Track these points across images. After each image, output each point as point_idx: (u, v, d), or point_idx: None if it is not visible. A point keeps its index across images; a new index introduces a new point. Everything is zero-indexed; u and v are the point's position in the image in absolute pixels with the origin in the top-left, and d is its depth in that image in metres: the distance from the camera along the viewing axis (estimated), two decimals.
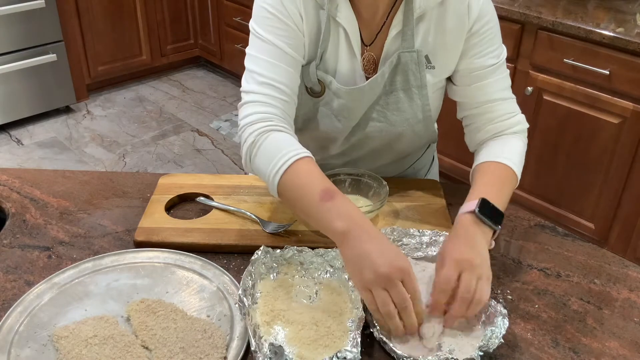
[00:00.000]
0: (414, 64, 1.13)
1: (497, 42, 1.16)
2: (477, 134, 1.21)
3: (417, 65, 1.13)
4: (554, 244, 1.14)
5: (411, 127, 1.20)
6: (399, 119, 1.19)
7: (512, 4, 2.40)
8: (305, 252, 1.02)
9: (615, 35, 2.10)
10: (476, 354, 0.85)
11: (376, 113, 1.19)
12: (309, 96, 1.17)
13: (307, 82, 1.15)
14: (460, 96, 1.21)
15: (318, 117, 1.19)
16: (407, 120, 1.19)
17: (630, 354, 0.91)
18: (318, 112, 1.19)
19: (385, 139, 1.22)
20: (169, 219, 1.16)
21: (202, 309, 0.96)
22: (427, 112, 1.18)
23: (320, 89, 1.15)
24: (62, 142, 3.43)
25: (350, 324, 0.90)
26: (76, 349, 0.87)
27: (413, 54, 1.12)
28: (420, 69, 1.14)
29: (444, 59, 1.15)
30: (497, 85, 1.17)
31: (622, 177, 2.26)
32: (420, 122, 1.20)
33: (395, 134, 1.21)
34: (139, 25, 3.89)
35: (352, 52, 1.13)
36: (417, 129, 1.21)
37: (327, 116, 1.18)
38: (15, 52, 3.34)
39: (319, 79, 1.14)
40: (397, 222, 1.16)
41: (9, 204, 1.22)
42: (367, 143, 1.24)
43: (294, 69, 1.10)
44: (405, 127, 1.19)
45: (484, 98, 1.17)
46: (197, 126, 3.64)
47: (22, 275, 1.04)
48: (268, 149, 1.02)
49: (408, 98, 1.17)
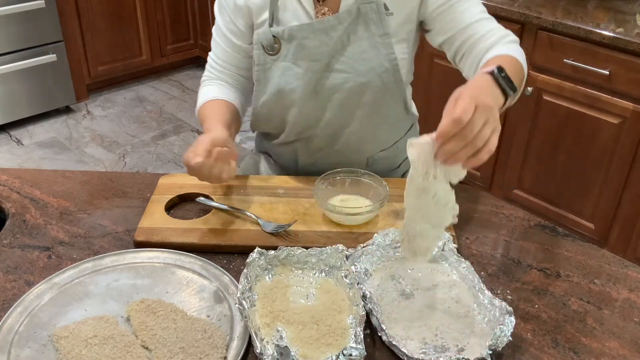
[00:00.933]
0: (374, 13, 1.19)
1: None
2: (469, 56, 1.20)
3: (377, 14, 1.19)
4: (554, 244, 1.14)
5: (378, 76, 1.23)
6: (365, 68, 1.23)
7: (512, 4, 2.40)
8: (300, 252, 1.02)
9: (615, 36, 2.10)
10: (486, 353, 0.85)
11: (340, 64, 1.23)
12: (268, 56, 1.24)
13: (263, 41, 1.23)
14: (442, 34, 1.23)
15: (278, 73, 1.25)
16: (373, 69, 1.23)
17: (630, 354, 0.91)
18: (278, 67, 1.25)
19: (354, 90, 1.25)
20: (169, 219, 1.16)
21: (202, 309, 0.96)
22: (393, 61, 1.23)
23: (277, 47, 1.23)
24: (62, 142, 3.43)
25: (350, 321, 0.90)
26: (76, 349, 0.87)
27: (372, 4, 1.19)
28: (380, 18, 1.20)
29: (402, 4, 1.21)
30: (473, 10, 1.20)
31: (622, 177, 2.26)
32: (388, 72, 1.23)
33: (362, 83, 1.24)
34: (139, 26, 3.90)
35: (305, 10, 1.22)
36: (385, 78, 1.24)
37: (287, 68, 1.24)
38: (15, 52, 3.34)
39: (274, 35, 1.21)
40: (397, 222, 1.16)
41: (9, 204, 1.22)
42: (335, 98, 1.26)
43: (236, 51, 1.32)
44: (372, 76, 1.23)
45: (465, 23, 1.19)
46: (197, 126, 3.64)
47: (22, 275, 1.04)
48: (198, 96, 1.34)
49: (372, 47, 1.22)
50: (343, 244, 1.03)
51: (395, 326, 0.93)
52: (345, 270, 0.99)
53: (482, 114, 0.85)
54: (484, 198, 1.28)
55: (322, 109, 1.28)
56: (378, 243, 1.06)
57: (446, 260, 1.05)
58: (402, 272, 1.04)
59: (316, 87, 1.25)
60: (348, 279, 0.97)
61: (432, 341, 0.90)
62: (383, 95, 1.27)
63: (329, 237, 1.11)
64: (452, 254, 1.04)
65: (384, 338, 0.89)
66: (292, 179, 1.30)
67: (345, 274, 0.98)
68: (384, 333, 0.89)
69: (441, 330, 0.92)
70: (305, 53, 1.22)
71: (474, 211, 1.23)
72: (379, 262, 1.05)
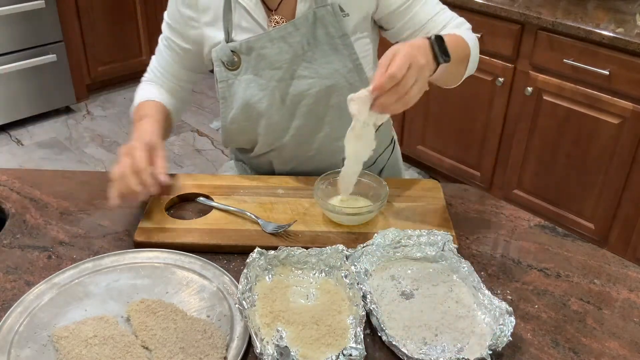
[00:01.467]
0: (331, 16, 1.20)
1: None
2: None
3: (334, 16, 1.20)
4: (554, 244, 1.14)
5: (343, 77, 1.24)
6: (329, 71, 1.23)
7: (511, 4, 2.40)
8: (300, 252, 1.02)
9: (615, 36, 2.10)
10: (486, 354, 0.85)
11: (303, 70, 1.24)
12: (229, 71, 1.25)
13: (222, 58, 1.23)
14: (403, 32, 1.27)
15: (242, 86, 1.25)
16: (337, 70, 1.23)
17: (630, 354, 0.91)
18: (241, 82, 1.25)
19: (321, 95, 1.25)
20: (169, 219, 1.16)
21: (202, 309, 0.96)
22: (356, 61, 1.23)
23: (237, 61, 1.24)
24: (62, 143, 3.43)
25: (350, 321, 0.90)
26: (76, 349, 0.87)
27: (327, 7, 1.20)
28: (337, 19, 1.20)
29: (357, 4, 1.22)
30: (429, 4, 1.25)
31: (621, 177, 2.26)
32: (352, 72, 1.24)
33: (328, 87, 1.24)
34: (139, 26, 3.90)
35: (257, 22, 1.23)
36: (351, 78, 1.24)
37: (250, 81, 1.24)
38: (15, 53, 3.34)
39: (232, 50, 1.22)
40: (397, 222, 1.16)
41: (9, 204, 1.22)
42: (303, 104, 1.26)
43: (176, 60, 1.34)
44: (337, 78, 1.24)
45: (425, 19, 1.25)
46: (197, 126, 3.64)
47: (22, 276, 1.04)
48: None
49: (333, 49, 1.22)
50: (343, 244, 1.03)
51: (395, 326, 0.93)
52: (345, 271, 0.99)
53: (414, 72, 0.97)
54: (484, 198, 1.28)
55: (291, 116, 1.27)
56: (378, 243, 1.06)
57: (446, 261, 1.05)
58: (402, 272, 1.04)
59: (282, 96, 1.25)
60: (348, 279, 0.97)
61: (432, 341, 0.90)
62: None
63: (329, 237, 1.11)
64: (452, 254, 1.04)
65: (384, 338, 0.89)
66: (292, 179, 1.30)
67: (345, 274, 0.98)
68: (384, 333, 0.89)
69: (441, 330, 0.92)
70: (266, 63, 1.22)
71: (474, 211, 1.23)
72: (379, 262, 1.05)
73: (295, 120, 1.28)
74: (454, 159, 2.85)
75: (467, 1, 2.47)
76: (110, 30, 3.77)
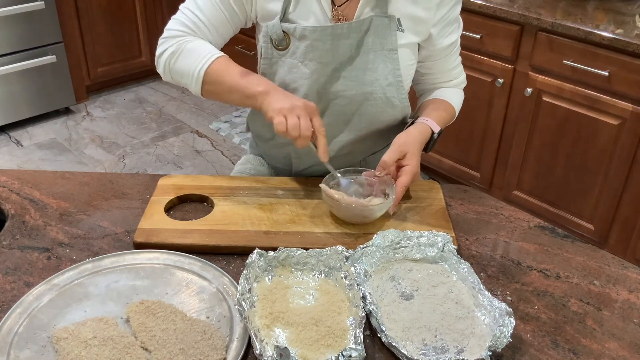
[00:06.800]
0: (386, 28, 1.21)
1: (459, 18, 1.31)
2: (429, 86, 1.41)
3: (389, 29, 1.21)
4: (554, 245, 1.14)
5: (382, 88, 1.25)
6: (370, 79, 1.24)
7: (511, 5, 2.40)
8: (299, 253, 1.02)
9: (614, 37, 2.10)
10: (486, 354, 0.85)
11: (346, 72, 1.25)
12: (275, 50, 1.25)
13: (272, 35, 1.23)
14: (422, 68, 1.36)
15: (285, 69, 1.25)
16: (377, 80, 1.24)
17: (629, 355, 0.91)
18: (285, 63, 1.25)
19: (355, 99, 1.26)
20: (169, 220, 1.16)
21: (202, 310, 0.96)
22: (397, 77, 1.25)
23: (286, 42, 1.23)
24: (61, 144, 3.43)
25: (350, 322, 0.90)
26: (75, 350, 0.87)
27: (386, 19, 1.21)
28: (392, 33, 1.21)
29: (415, 27, 1.24)
30: (456, 55, 1.36)
31: (621, 178, 2.26)
32: (392, 86, 1.25)
33: (364, 93, 1.25)
34: (139, 27, 3.89)
35: (323, 10, 1.22)
36: (388, 92, 1.25)
37: (293, 66, 1.24)
38: (14, 54, 3.34)
39: (284, 31, 1.21)
40: (396, 223, 1.16)
41: (9, 205, 1.22)
42: (335, 103, 1.27)
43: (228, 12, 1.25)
44: (375, 87, 1.25)
45: (445, 68, 1.36)
46: (197, 127, 3.64)
47: (22, 277, 1.04)
48: (191, 51, 1.21)
49: (379, 60, 1.24)
50: (343, 244, 1.03)
51: (395, 327, 0.93)
52: (344, 272, 0.99)
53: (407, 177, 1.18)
54: (484, 199, 1.28)
55: (321, 113, 1.27)
56: (378, 244, 1.06)
57: (446, 262, 1.05)
58: (402, 273, 1.04)
59: (320, 91, 1.25)
60: (348, 280, 0.97)
61: (431, 342, 0.90)
62: (383, 108, 1.28)
63: (329, 238, 1.11)
64: (452, 255, 1.04)
65: (383, 339, 0.89)
66: (292, 179, 1.30)
67: (345, 275, 0.98)
68: (383, 334, 0.89)
69: (441, 331, 0.92)
70: (315, 54, 1.22)
71: (473, 212, 1.23)
72: (378, 263, 1.05)
73: (323, 118, 1.28)
74: (454, 160, 2.85)
75: (467, 2, 2.47)
76: (109, 31, 3.77)
